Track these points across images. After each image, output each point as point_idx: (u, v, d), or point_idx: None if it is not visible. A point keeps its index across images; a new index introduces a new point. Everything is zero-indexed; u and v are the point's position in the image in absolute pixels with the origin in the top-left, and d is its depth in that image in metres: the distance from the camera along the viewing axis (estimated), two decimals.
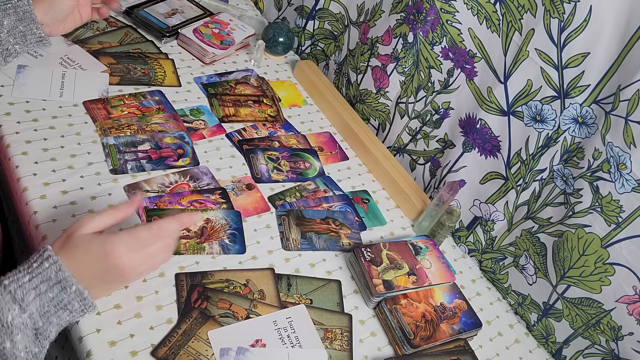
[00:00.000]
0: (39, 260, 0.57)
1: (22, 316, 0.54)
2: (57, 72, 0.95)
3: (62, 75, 0.95)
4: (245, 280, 0.77)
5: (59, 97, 0.91)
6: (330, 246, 0.88)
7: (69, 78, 0.95)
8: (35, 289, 0.55)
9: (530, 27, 0.78)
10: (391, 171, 1.01)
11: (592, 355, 0.83)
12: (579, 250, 0.79)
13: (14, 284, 0.55)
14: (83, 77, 0.96)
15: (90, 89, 0.95)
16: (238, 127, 1.02)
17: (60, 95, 0.92)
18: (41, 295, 0.55)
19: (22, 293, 0.54)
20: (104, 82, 0.97)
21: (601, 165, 0.75)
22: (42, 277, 0.56)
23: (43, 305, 0.56)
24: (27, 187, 0.77)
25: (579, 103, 0.77)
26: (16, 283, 0.55)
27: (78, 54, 1.00)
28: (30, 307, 0.54)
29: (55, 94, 0.91)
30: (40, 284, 0.56)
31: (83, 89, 0.94)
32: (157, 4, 1.18)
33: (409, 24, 0.96)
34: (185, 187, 0.87)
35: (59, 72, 0.95)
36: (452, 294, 0.84)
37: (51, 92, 0.91)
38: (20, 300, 0.54)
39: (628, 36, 0.69)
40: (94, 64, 1.00)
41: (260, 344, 0.70)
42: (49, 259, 0.57)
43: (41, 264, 0.57)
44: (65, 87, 0.93)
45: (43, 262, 0.57)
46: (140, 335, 0.67)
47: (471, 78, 0.91)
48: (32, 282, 0.55)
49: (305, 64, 1.19)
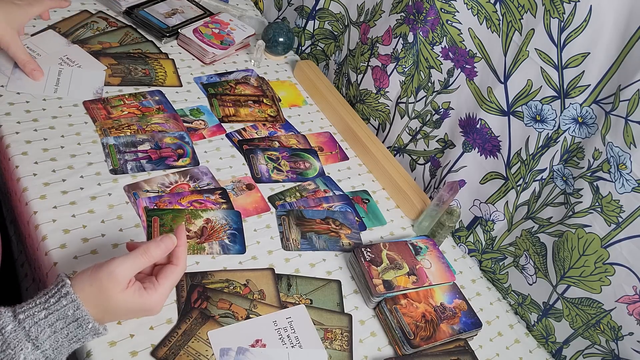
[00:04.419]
0: (56, 296, 0.56)
1: (34, 353, 0.53)
2: (53, 70, 0.95)
3: (59, 72, 0.95)
4: (245, 280, 0.77)
5: (53, 92, 0.92)
6: (330, 246, 0.88)
7: (65, 75, 0.95)
8: (51, 327, 0.54)
9: (530, 27, 0.78)
10: (391, 171, 1.01)
11: (592, 355, 0.83)
12: (579, 250, 0.79)
13: (29, 320, 0.54)
14: (79, 75, 0.96)
15: (85, 87, 0.95)
16: (238, 127, 1.02)
17: (54, 92, 0.92)
18: (57, 333, 0.55)
19: (36, 331, 0.53)
20: (99, 81, 0.97)
21: (601, 165, 0.75)
22: (58, 314, 0.55)
23: (57, 341, 0.55)
24: (27, 187, 0.77)
25: (579, 103, 0.77)
26: (31, 319, 0.54)
27: (78, 54, 1.00)
28: (45, 345, 0.54)
29: (49, 90, 0.92)
30: (57, 321, 0.55)
31: (78, 87, 0.94)
32: (157, 4, 1.18)
33: (409, 24, 0.96)
34: (185, 187, 0.87)
35: (55, 69, 0.95)
36: (452, 294, 0.84)
37: (46, 88, 0.92)
38: (34, 339, 0.53)
39: (628, 36, 0.69)
40: (94, 64, 1.00)
41: (260, 344, 0.70)
42: (67, 297, 0.56)
43: (59, 301, 0.56)
44: (60, 83, 0.93)
45: (61, 299, 0.56)
46: (140, 335, 0.67)
47: (471, 78, 0.91)
48: (48, 319, 0.54)
49: (305, 64, 1.19)
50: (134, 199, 0.82)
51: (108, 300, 0.58)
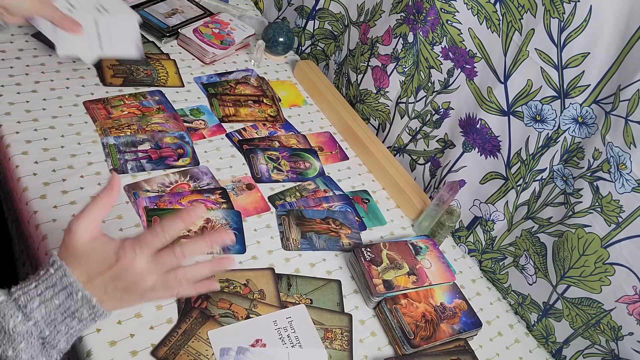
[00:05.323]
0: (45, 267, 0.56)
1: (26, 324, 0.52)
2: (90, 22, 0.92)
3: (96, 23, 0.93)
4: (246, 280, 0.77)
5: (100, 51, 0.91)
6: (330, 246, 0.88)
7: (103, 28, 0.93)
8: (40, 296, 0.54)
9: (530, 27, 0.78)
10: (391, 171, 1.01)
11: (592, 355, 0.83)
12: (579, 250, 0.79)
13: (19, 291, 0.53)
14: (115, 25, 0.95)
15: (126, 40, 0.95)
16: (238, 127, 1.02)
17: (101, 50, 0.91)
18: (46, 302, 0.54)
19: (25, 300, 0.53)
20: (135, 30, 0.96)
21: (601, 165, 0.75)
22: (47, 283, 0.54)
23: (49, 313, 0.54)
24: (27, 187, 0.77)
25: (579, 103, 0.77)
26: (21, 290, 0.53)
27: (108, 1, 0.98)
28: (35, 315, 0.53)
29: (95, 49, 0.91)
30: (46, 290, 0.54)
31: (120, 41, 0.94)
32: (157, 4, 1.18)
33: (409, 24, 0.96)
34: (186, 187, 0.87)
35: (91, 21, 0.92)
36: (452, 293, 0.84)
37: (92, 47, 0.91)
38: (23, 307, 0.52)
39: (628, 36, 0.69)
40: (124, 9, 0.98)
41: (260, 344, 0.70)
42: (54, 265, 0.55)
43: (47, 271, 0.55)
44: (102, 39, 0.92)
45: (49, 268, 0.55)
46: (140, 335, 0.67)
47: (471, 78, 0.91)
48: (37, 289, 0.54)
49: (305, 64, 1.19)
50: (134, 198, 0.82)
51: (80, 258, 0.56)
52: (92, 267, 0.56)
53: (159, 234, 0.58)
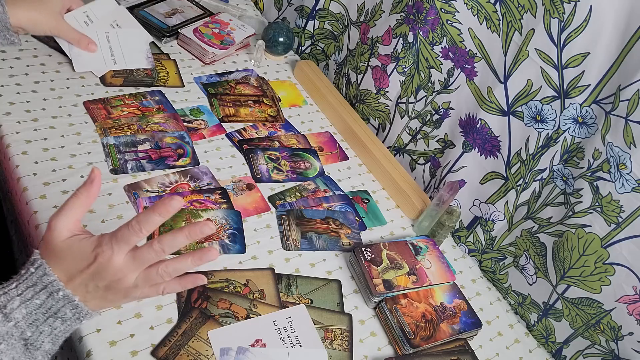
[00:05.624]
0: (26, 266, 0.54)
1: (6, 325, 0.51)
2: (102, 38, 1.00)
3: (107, 38, 1.00)
4: (246, 280, 0.77)
5: (114, 65, 0.98)
6: (330, 246, 0.88)
7: (114, 42, 1.00)
8: (20, 296, 0.52)
9: (530, 27, 0.78)
10: (391, 171, 1.01)
11: (592, 355, 0.83)
12: (579, 250, 0.79)
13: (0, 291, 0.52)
14: (124, 37, 1.02)
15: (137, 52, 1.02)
16: (238, 127, 1.02)
17: (114, 64, 0.98)
18: (27, 302, 0.52)
19: (5, 300, 0.51)
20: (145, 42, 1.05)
21: (601, 165, 0.75)
22: (27, 282, 0.53)
23: (30, 314, 0.52)
24: (27, 187, 0.77)
25: (579, 103, 0.77)
26: (2, 290, 0.52)
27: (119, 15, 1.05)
28: (15, 315, 0.51)
29: (109, 63, 0.98)
30: (26, 290, 0.52)
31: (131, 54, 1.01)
32: (157, 4, 1.18)
33: (409, 24, 0.96)
34: (186, 187, 0.87)
35: (103, 36, 1.00)
36: (452, 293, 0.84)
37: (105, 61, 0.98)
38: (3, 308, 0.51)
39: (628, 36, 0.69)
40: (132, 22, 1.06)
41: (260, 344, 0.70)
42: (34, 263, 0.54)
43: (27, 270, 0.54)
44: (114, 53, 0.99)
45: (29, 268, 0.54)
46: (140, 335, 0.67)
47: (471, 78, 0.91)
48: (17, 289, 0.52)
49: (305, 64, 1.19)
50: (134, 198, 0.82)
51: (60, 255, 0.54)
52: (72, 265, 0.55)
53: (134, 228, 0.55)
